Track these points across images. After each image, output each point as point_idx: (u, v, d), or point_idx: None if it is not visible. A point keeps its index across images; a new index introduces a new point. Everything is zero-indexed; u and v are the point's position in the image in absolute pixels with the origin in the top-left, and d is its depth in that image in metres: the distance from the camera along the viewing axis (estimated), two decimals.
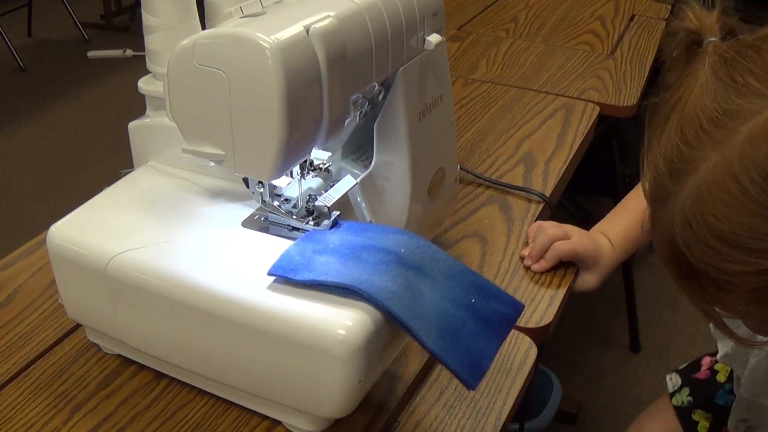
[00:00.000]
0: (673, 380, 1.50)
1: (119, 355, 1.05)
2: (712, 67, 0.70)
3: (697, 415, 1.43)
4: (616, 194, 2.40)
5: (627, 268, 2.51)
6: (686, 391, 1.45)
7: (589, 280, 1.26)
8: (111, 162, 3.47)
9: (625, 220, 1.32)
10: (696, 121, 0.69)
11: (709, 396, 1.43)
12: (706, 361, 1.49)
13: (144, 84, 1.10)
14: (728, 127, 0.66)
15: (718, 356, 1.27)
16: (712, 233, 0.66)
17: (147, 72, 1.10)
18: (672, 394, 1.47)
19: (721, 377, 1.43)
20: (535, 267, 1.24)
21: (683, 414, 1.44)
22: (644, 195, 0.77)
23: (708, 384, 1.44)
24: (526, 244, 1.28)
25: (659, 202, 0.73)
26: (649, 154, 0.76)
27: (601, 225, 1.34)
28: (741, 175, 0.64)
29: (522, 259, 1.26)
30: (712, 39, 0.73)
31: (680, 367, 1.52)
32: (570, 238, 1.25)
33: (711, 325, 1.16)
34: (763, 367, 1.15)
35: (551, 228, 1.25)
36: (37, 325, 1.11)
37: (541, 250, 1.24)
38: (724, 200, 0.65)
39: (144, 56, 1.08)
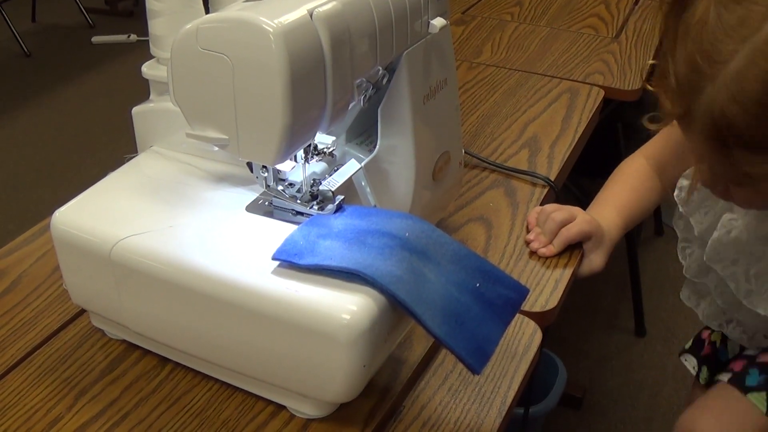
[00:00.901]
0: (689, 362, 1.50)
1: (123, 341, 1.05)
2: None
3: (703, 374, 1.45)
4: None
5: (632, 252, 2.50)
6: (705, 369, 1.46)
7: (595, 261, 1.27)
8: (115, 147, 3.47)
9: (620, 192, 1.35)
10: (719, 26, 0.86)
11: (717, 362, 1.44)
12: (705, 335, 1.49)
13: (148, 69, 1.09)
14: (751, 25, 0.84)
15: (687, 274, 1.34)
16: (754, 102, 0.84)
17: (151, 57, 1.10)
18: (697, 376, 1.48)
19: (717, 343, 1.44)
20: (544, 251, 1.24)
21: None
22: (671, 93, 0.94)
23: (714, 355, 1.45)
24: (528, 230, 1.28)
25: (697, 92, 0.89)
26: (675, 59, 0.92)
27: (595, 204, 1.37)
28: None
29: (527, 243, 1.26)
30: None
31: (687, 347, 1.52)
32: (575, 219, 1.25)
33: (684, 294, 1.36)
34: (722, 240, 1.20)
35: (557, 213, 1.25)
36: (42, 311, 1.11)
37: (549, 236, 1.24)
38: (761, 77, 0.83)
39: (148, 41, 1.08)
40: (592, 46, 2.03)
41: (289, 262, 0.88)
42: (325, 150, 0.99)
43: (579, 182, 3.07)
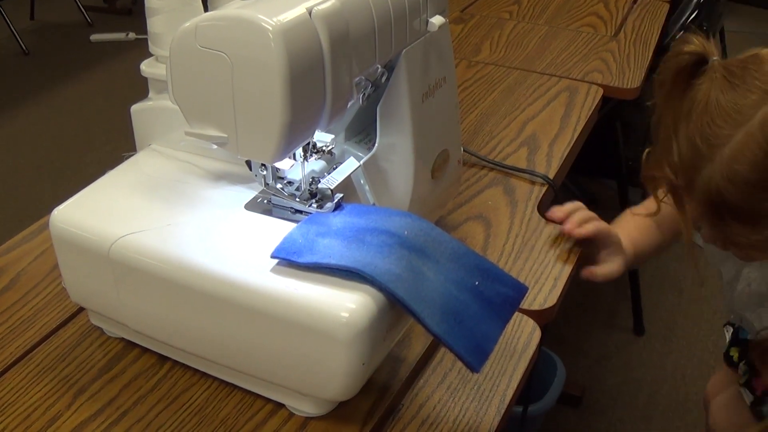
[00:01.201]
0: (728, 332, 1.53)
1: (122, 339, 1.05)
2: (722, 76, 0.99)
3: (732, 351, 1.47)
4: (619, 176, 2.40)
5: None
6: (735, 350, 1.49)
7: (614, 266, 1.29)
8: (114, 145, 3.47)
9: (628, 228, 1.38)
10: (718, 112, 0.97)
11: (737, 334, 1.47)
12: None
13: (146, 67, 1.09)
14: (745, 113, 0.95)
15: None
16: (745, 183, 0.95)
17: (149, 55, 1.10)
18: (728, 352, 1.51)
19: None
20: (577, 230, 1.25)
21: (727, 358, 1.50)
22: (674, 167, 1.04)
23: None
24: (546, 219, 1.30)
25: (697, 169, 0.99)
26: (678, 138, 1.02)
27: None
28: (762, 142, 0.93)
29: (555, 220, 1.28)
30: (715, 58, 1.02)
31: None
32: None
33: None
34: (745, 291, 1.28)
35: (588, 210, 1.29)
36: (41, 309, 1.11)
37: (580, 220, 1.27)
38: (751, 160, 0.94)
39: (146, 39, 1.08)
40: (591, 44, 2.03)
41: (287, 260, 0.88)
42: (324, 148, 0.99)
43: (578, 180, 3.07)
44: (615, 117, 2.24)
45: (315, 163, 1.01)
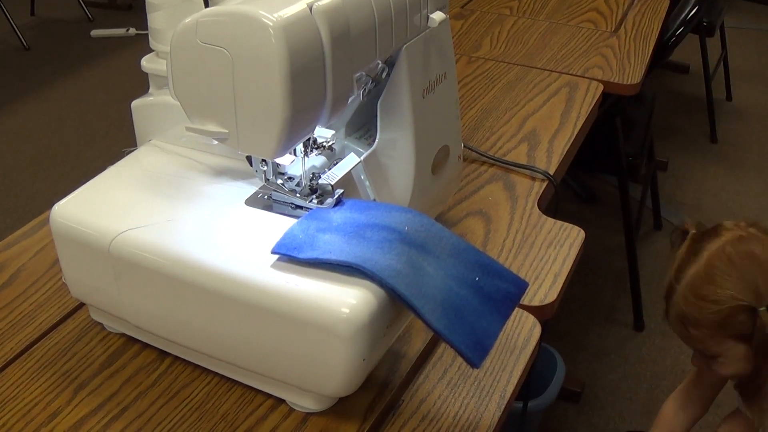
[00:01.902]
0: None
1: (123, 334, 1.05)
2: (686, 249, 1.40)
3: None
4: (619, 172, 2.39)
5: (631, 247, 2.50)
6: None
7: None
8: (114, 141, 3.47)
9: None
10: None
11: None
12: None
13: (147, 62, 1.09)
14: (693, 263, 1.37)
15: None
16: (698, 305, 1.36)
17: (150, 50, 1.10)
18: None
19: None
20: None
21: None
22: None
23: None
24: None
25: (669, 298, 1.42)
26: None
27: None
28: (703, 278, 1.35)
29: None
30: (693, 231, 1.43)
31: None
32: None
33: None
34: None
35: None
36: (41, 305, 1.11)
37: None
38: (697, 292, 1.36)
39: (147, 35, 1.08)
40: (591, 40, 2.03)
41: (288, 255, 0.88)
42: (324, 144, 0.99)
43: (578, 176, 3.07)
44: (615, 113, 2.24)
45: (315, 159, 1.01)
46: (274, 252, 0.88)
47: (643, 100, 2.69)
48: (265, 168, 0.97)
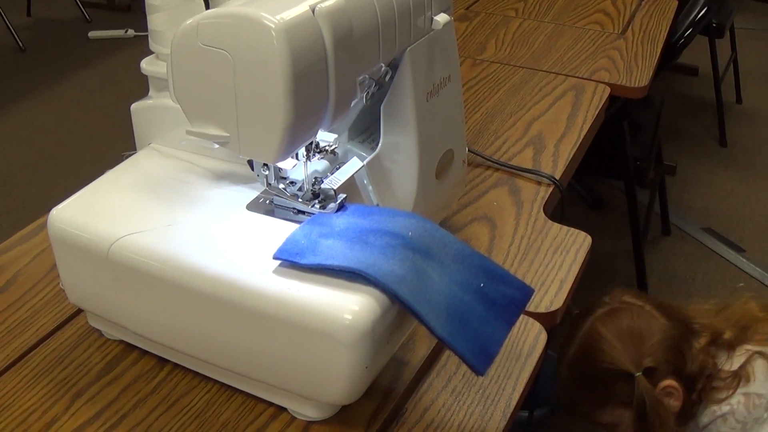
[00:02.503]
0: None
1: (121, 341, 1.05)
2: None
3: None
4: (626, 177, 2.40)
5: (638, 252, 2.50)
6: None
7: None
8: (113, 144, 3.47)
9: None
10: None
11: None
12: None
13: (147, 65, 1.10)
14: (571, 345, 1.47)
15: None
16: (581, 382, 1.48)
17: (150, 52, 1.10)
18: None
19: None
20: None
21: None
22: None
23: None
24: None
25: (559, 381, 1.52)
26: None
27: None
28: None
29: None
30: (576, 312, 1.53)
31: None
32: None
33: None
34: None
35: None
36: (38, 311, 1.11)
37: None
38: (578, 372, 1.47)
39: (146, 36, 1.08)
40: (598, 42, 2.03)
41: (290, 261, 0.88)
42: (327, 148, 0.99)
43: (584, 181, 3.07)
44: (622, 116, 2.24)
45: (318, 163, 1.01)
46: (275, 257, 0.88)
47: (651, 103, 2.69)
48: (267, 172, 0.98)
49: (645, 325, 1.42)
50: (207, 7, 1.03)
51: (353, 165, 1.03)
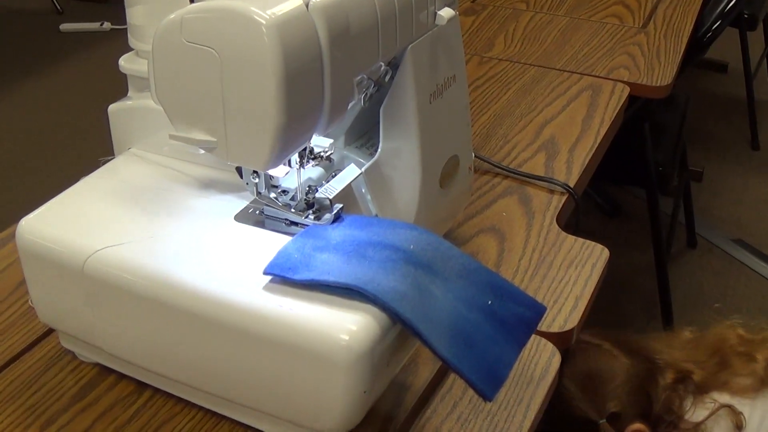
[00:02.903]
0: None
1: (97, 364, 1.05)
2: None
3: None
4: (648, 184, 2.40)
5: (661, 267, 2.50)
6: None
7: None
8: (88, 149, 3.47)
9: None
10: None
11: None
12: None
13: (126, 62, 1.10)
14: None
15: None
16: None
17: (129, 48, 1.10)
18: None
19: None
20: None
21: None
22: None
23: None
24: None
25: None
26: None
27: None
28: None
29: None
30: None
31: None
32: None
33: None
34: None
35: None
36: (4, 330, 1.11)
37: None
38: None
39: (125, 30, 1.09)
40: (617, 37, 2.04)
41: (282, 277, 0.88)
42: (322, 154, 0.99)
43: (602, 189, 3.07)
44: (643, 118, 2.24)
45: (312, 171, 1.02)
46: (266, 273, 0.89)
47: (675, 104, 2.69)
48: (257, 180, 0.98)
49: (605, 366, 1.42)
50: (192, 0, 1.04)
51: (350, 172, 1.04)
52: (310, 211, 0.98)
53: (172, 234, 0.97)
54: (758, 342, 1.44)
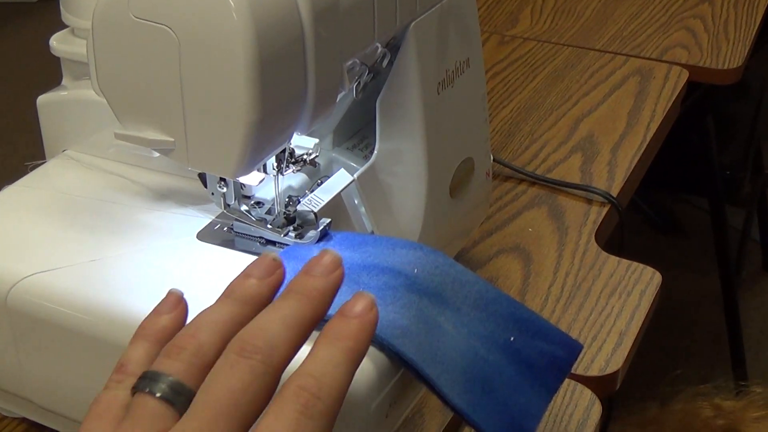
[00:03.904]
0: None
1: (23, 420, 1.06)
2: None
3: None
4: (712, 192, 2.40)
5: (730, 294, 2.49)
6: None
7: None
8: (12, 151, 3.47)
9: None
10: None
11: None
12: None
13: (58, 43, 1.10)
14: None
15: None
16: None
17: (63, 26, 1.11)
18: None
19: None
20: None
21: None
22: None
23: None
24: None
25: None
26: None
27: None
28: None
29: None
30: None
31: None
32: None
33: None
34: None
35: None
36: None
37: None
38: None
39: (57, 3, 1.09)
40: (673, 8, 2.04)
41: None
42: (305, 157, 1.00)
43: (653, 198, 3.06)
44: (706, 109, 2.25)
45: (293, 178, 1.03)
46: None
47: (748, 92, 2.69)
48: (225, 190, 0.98)
49: None
50: None
51: (340, 179, 1.04)
52: (291, 228, 0.99)
53: (119, 256, 0.97)
54: (740, 409, 1.38)
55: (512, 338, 0.93)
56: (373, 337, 0.85)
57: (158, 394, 0.65)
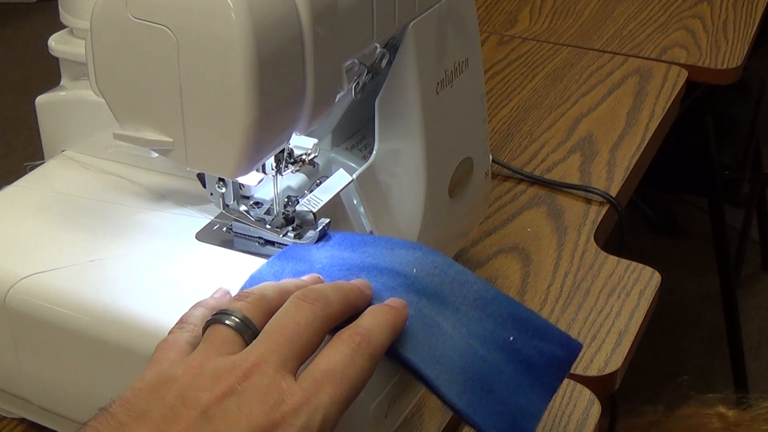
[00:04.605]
0: None
1: (23, 420, 1.06)
2: None
3: None
4: (711, 192, 2.40)
5: (729, 295, 2.49)
6: None
7: None
8: (11, 151, 3.47)
9: None
10: None
11: None
12: None
13: (57, 43, 1.11)
14: None
15: None
16: None
17: (61, 26, 1.11)
18: None
19: None
20: None
21: None
22: None
23: None
24: None
25: None
26: None
27: None
28: None
29: None
30: None
31: None
32: None
33: None
34: None
35: None
36: None
37: None
38: None
39: (55, 3, 1.09)
40: (672, 8, 2.04)
41: None
42: (303, 157, 1.00)
43: (652, 199, 3.07)
44: (705, 109, 2.25)
45: (292, 178, 1.03)
46: None
47: (747, 91, 2.69)
48: (223, 190, 0.98)
49: None
50: None
51: (339, 180, 1.04)
52: (290, 228, 0.99)
53: (117, 257, 0.97)
54: (748, 423, 1.37)
55: (511, 338, 0.93)
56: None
57: (229, 323, 0.77)
